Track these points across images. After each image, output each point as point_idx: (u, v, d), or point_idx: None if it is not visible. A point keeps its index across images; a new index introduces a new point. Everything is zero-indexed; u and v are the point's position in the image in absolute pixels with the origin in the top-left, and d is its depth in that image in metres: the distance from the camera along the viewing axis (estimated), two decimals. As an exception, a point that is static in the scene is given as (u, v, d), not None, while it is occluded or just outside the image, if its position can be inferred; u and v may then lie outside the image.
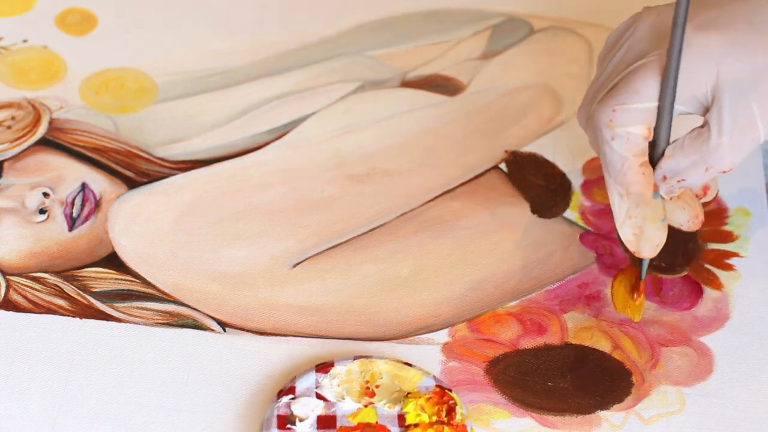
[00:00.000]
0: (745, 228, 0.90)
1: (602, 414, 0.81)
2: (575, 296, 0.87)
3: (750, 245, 0.89)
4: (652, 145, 0.79)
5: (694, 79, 0.77)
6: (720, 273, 0.88)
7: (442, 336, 0.85)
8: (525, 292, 0.87)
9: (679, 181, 0.79)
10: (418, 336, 0.85)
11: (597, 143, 0.80)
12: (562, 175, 0.93)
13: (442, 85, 0.99)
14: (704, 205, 0.91)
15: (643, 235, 0.80)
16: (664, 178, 0.79)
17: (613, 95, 0.78)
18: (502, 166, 0.94)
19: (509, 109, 0.98)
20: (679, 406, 0.81)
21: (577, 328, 0.85)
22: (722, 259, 0.88)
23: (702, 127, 0.78)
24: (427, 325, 0.86)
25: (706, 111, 0.77)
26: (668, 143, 0.79)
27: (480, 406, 0.81)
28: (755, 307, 0.86)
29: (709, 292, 0.87)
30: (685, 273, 0.88)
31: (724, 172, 0.78)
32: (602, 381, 0.82)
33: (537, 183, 0.93)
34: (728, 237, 0.90)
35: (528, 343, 0.85)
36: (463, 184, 0.93)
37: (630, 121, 0.78)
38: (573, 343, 0.84)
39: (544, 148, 0.95)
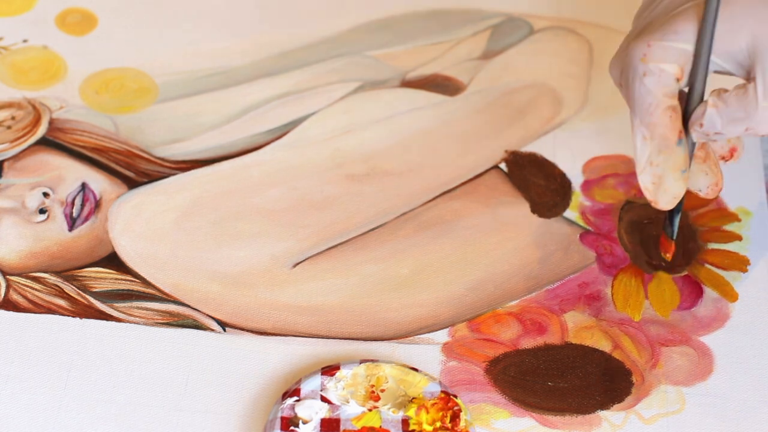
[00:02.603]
0: (745, 228, 0.90)
1: (602, 414, 0.81)
2: (575, 296, 0.87)
3: (750, 245, 0.89)
4: (685, 95, 0.78)
5: (733, 33, 0.76)
6: (722, 273, 0.88)
7: (442, 336, 0.85)
8: (525, 292, 0.87)
9: (716, 133, 0.77)
10: (418, 336, 0.85)
11: (627, 85, 0.78)
12: (562, 175, 0.93)
13: (442, 85, 0.99)
14: (703, 205, 0.91)
15: (661, 185, 0.79)
16: (701, 125, 0.78)
17: (651, 31, 0.77)
18: (502, 166, 0.94)
19: (509, 109, 0.98)
20: (679, 405, 0.81)
21: (577, 328, 0.85)
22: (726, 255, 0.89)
23: (747, 85, 0.76)
24: (427, 325, 0.86)
25: (743, 72, 0.76)
26: (702, 94, 0.78)
27: (480, 406, 0.81)
28: (755, 307, 0.86)
29: (709, 292, 0.87)
30: (685, 273, 0.88)
31: (763, 135, 0.76)
32: (602, 381, 0.82)
33: (537, 183, 0.93)
34: (728, 237, 0.90)
35: (528, 343, 0.85)
36: (463, 184, 0.93)
37: (664, 58, 0.77)
38: (573, 343, 0.84)
39: (544, 148, 0.95)
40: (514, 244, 0.90)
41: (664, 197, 0.79)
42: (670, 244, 0.84)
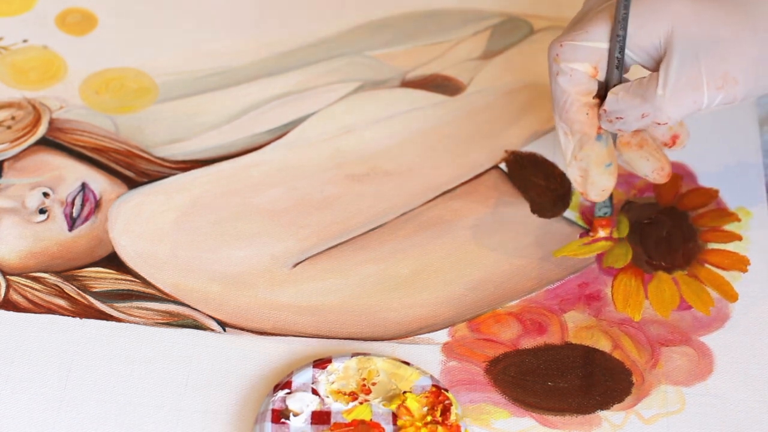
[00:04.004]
0: (745, 228, 0.90)
1: (602, 414, 0.81)
2: (575, 296, 0.87)
3: (750, 245, 0.89)
4: (604, 88, 0.82)
5: (648, 28, 0.79)
6: (722, 273, 0.88)
7: (442, 336, 0.85)
8: (525, 292, 0.87)
9: (617, 118, 0.81)
10: (418, 336, 0.85)
11: (550, 83, 0.83)
12: (562, 175, 0.93)
13: (442, 85, 0.99)
14: (705, 203, 0.91)
15: (588, 179, 0.83)
16: (605, 111, 0.81)
17: (565, 32, 0.82)
18: (502, 166, 0.94)
19: (509, 109, 0.98)
20: (679, 405, 0.81)
21: (577, 328, 0.85)
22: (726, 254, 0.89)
23: (651, 75, 0.79)
24: (427, 325, 0.86)
25: (655, 65, 0.80)
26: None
27: (480, 406, 0.81)
28: (755, 307, 0.86)
29: (709, 292, 0.87)
30: (685, 272, 0.88)
31: (660, 124, 0.80)
32: (602, 381, 0.82)
33: (537, 183, 0.93)
34: (728, 237, 0.90)
35: (528, 343, 0.85)
36: (463, 184, 0.93)
37: (575, 58, 0.81)
38: (573, 342, 0.84)
39: (544, 148, 0.95)
40: (514, 244, 0.90)
41: (593, 190, 0.84)
42: (608, 221, 0.88)
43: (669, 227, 0.90)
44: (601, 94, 0.82)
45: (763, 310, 0.86)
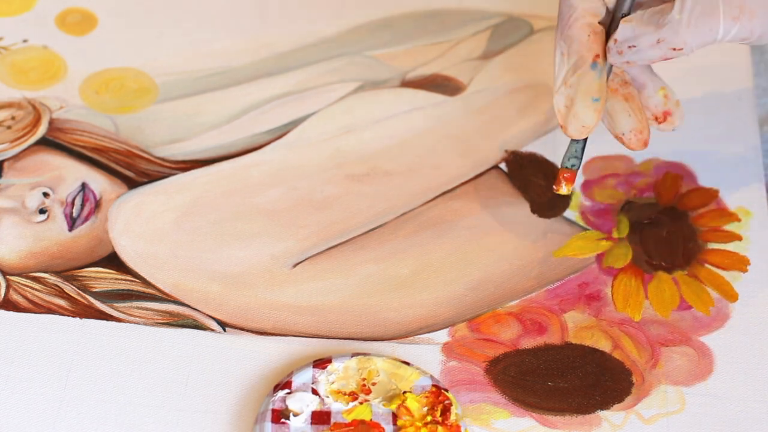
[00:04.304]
0: (745, 228, 0.90)
1: (602, 414, 0.81)
2: (575, 296, 0.87)
3: (750, 245, 0.89)
4: (614, 19, 0.81)
5: None
6: (722, 273, 0.88)
7: (442, 336, 0.85)
8: (525, 292, 0.87)
9: (629, 47, 0.79)
10: (418, 336, 0.85)
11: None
12: (562, 175, 0.93)
13: (442, 85, 0.99)
14: (705, 203, 0.91)
15: (572, 109, 0.80)
16: (615, 41, 0.80)
17: None
18: (502, 166, 0.94)
19: (509, 109, 0.98)
20: (679, 405, 0.81)
21: (577, 328, 0.85)
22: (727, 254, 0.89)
23: (667, 3, 0.78)
24: (427, 325, 0.86)
25: None
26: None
27: (480, 406, 0.81)
28: (755, 307, 0.86)
29: (709, 292, 0.87)
30: (685, 272, 0.88)
31: (675, 49, 0.78)
32: (602, 381, 0.82)
33: (537, 183, 0.93)
34: (728, 237, 0.90)
35: (528, 342, 0.85)
36: (463, 184, 0.93)
37: None
38: (573, 342, 0.84)
39: (544, 148, 0.95)
40: (514, 244, 0.90)
41: (573, 123, 0.81)
42: (572, 175, 0.84)
43: (669, 227, 0.90)
44: (607, 24, 0.81)
45: (763, 310, 0.86)
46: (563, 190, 0.84)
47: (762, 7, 0.77)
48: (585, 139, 0.83)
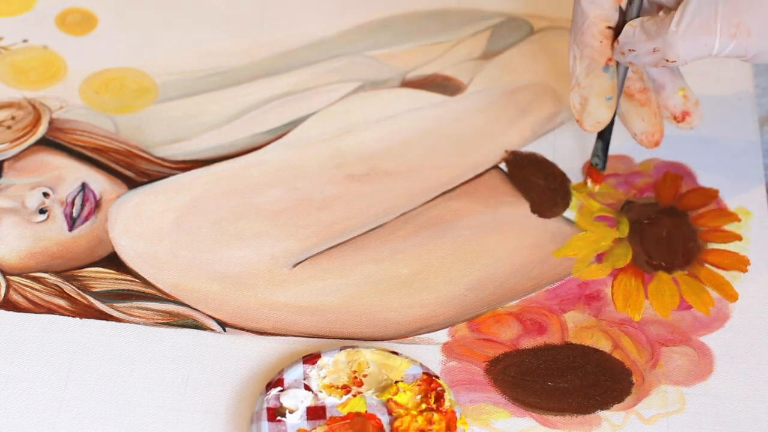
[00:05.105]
0: (745, 228, 0.90)
1: (602, 414, 0.81)
2: (575, 296, 0.87)
3: (750, 245, 0.89)
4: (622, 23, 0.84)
5: None
6: (722, 273, 0.88)
7: (442, 336, 0.85)
8: (525, 292, 0.87)
9: (629, 50, 0.83)
10: (418, 336, 0.85)
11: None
12: (562, 175, 0.93)
13: (442, 85, 0.99)
14: (705, 203, 0.91)
15: (586, 107, 0.86)
16: (617, 41, 0.83)
17: None
18: (502, 166, 0.94)
19: (509, 109, 0.98)
20: (679, 405, 0.81)
21: (577, 328, 0.85)
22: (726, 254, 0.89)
23: (669, 13, 0.81)
24: (427, 325, 0.86)
25: (677, 6, 0.81)
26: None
27: (480, 406, 0.81)
28: (755, 307, 0.86)
29: (709, 292, 0.87)
30: (685, 272, 0.88)
31: (668, 61, 0.81)
32: (602, 381, 0.82)
33: (537, 183, 0.93)
34: (728, 237, 0.90)
35: (528, 342, 0.85)
36: (463, 184, 0.93)
37: None
38: (573, 342, 0.84)
39: (544, 148, 0.95)
40: (514, 244, 0.90)
41: (588, 119, 0.86)
42: (599, 175, 0.90)
43: (669, 227, 0.90)
44: (619, 26, 0.84)
45: (763, 310, 0.86)
46: (588, 185, 0.91)
47: (759, 26, 0.78)
48: (607, 140, 0.89)
